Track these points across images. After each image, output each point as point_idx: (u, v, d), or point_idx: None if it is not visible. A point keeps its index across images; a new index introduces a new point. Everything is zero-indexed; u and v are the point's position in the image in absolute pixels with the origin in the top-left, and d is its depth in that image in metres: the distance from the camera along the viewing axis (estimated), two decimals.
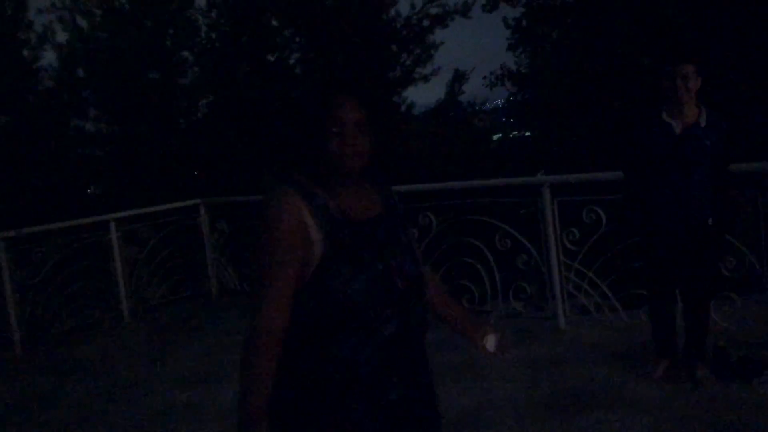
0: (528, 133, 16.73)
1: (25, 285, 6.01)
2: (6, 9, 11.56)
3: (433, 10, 13.14)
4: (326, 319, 1.56)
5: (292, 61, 13.03)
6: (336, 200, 1.61)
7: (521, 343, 4.57)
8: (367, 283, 1.56)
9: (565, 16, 13.44)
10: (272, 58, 12.95)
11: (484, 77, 14.70)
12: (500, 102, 20.33)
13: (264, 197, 1.62)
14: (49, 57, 12.19)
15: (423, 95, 14.00)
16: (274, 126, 11.68)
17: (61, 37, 11.84)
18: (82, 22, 11.89)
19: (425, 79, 13.43)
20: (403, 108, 13.23)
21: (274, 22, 12.50)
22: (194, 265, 7.09)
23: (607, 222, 4.65)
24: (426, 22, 13.14)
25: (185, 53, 12.85)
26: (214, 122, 12.73)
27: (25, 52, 11.90)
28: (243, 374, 1.56)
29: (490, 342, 1.83)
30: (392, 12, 12.96)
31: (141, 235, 6.86)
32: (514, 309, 5.14)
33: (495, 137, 17.99)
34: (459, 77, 14.00)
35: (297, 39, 12.67)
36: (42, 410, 4.40)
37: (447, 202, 5.57)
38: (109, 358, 5.39)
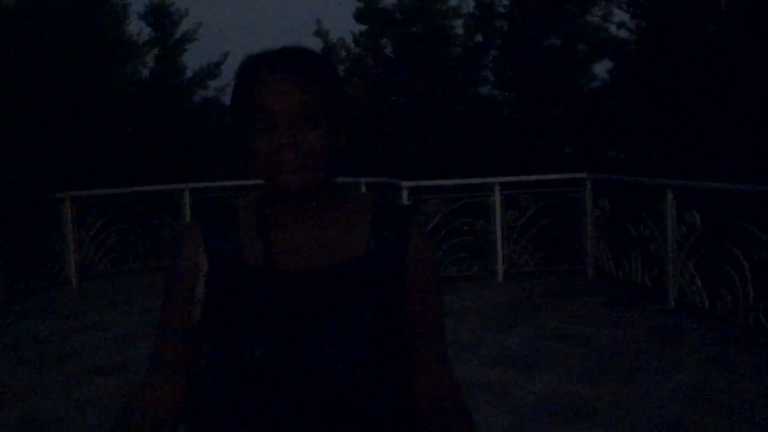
0: None
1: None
2: None
3: None
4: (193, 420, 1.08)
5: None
6: (280, 236, 1.07)
7: None
8: (225, 382, 1.01)
9: None
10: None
11: None
12: None
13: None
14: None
15: None
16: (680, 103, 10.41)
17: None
18: None
19: None
20: None
21: None
22: (570, 241, 6.85)
23: None
24: None
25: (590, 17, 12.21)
26: (617, 92, 11.81)
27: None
28: None
29: None
30: None
31: (522, 203, 6.83)
32: None
33: None
34: None
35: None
36: None
37: None
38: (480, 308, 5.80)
